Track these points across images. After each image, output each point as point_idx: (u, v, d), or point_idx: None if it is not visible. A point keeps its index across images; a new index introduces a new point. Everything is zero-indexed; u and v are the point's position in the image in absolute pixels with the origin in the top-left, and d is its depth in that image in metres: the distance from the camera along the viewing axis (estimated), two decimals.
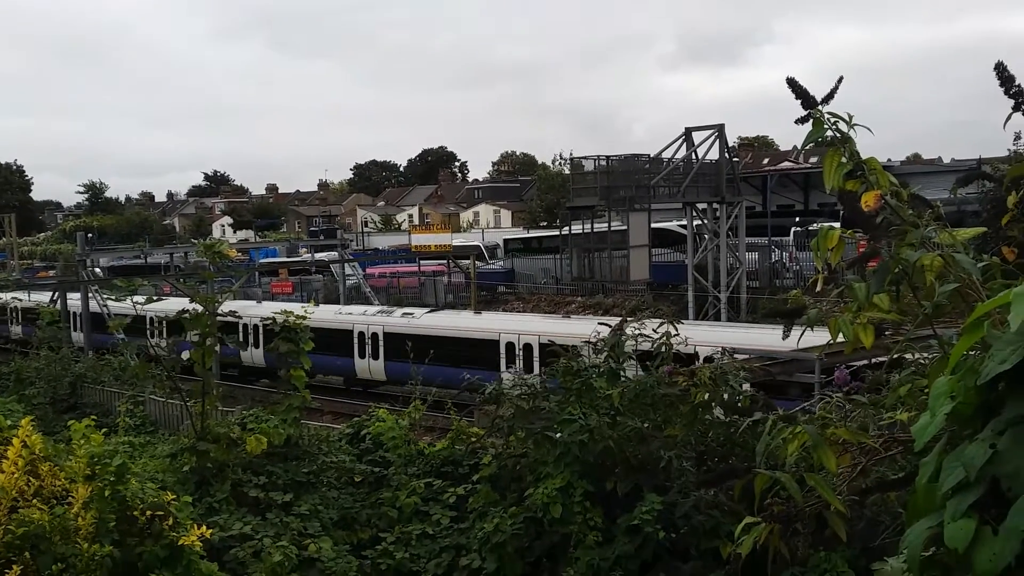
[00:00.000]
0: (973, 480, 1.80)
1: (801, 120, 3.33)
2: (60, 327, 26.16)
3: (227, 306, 12.80)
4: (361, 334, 29.76)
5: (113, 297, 21.36)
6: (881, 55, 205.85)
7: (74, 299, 34.20)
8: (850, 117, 3.33)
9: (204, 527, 7.36)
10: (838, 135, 3.32)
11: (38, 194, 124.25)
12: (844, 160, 3.28)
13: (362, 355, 29.72)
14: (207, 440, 10.32)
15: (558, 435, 9.31)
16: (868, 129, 3.38)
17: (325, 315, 29.83)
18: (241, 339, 26.92)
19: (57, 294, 34.85)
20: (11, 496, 6.79)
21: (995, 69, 3.21)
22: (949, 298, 3.04)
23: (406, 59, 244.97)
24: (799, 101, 3.33)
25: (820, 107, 3.30)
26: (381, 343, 29.03)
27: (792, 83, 3.30)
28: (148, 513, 7.09)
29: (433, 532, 10.28)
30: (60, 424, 13.99)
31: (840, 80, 3.36)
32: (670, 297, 36.16)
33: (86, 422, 8.12)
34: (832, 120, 3.30)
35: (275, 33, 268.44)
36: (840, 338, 3.41)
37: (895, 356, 3.88)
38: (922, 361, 3.73)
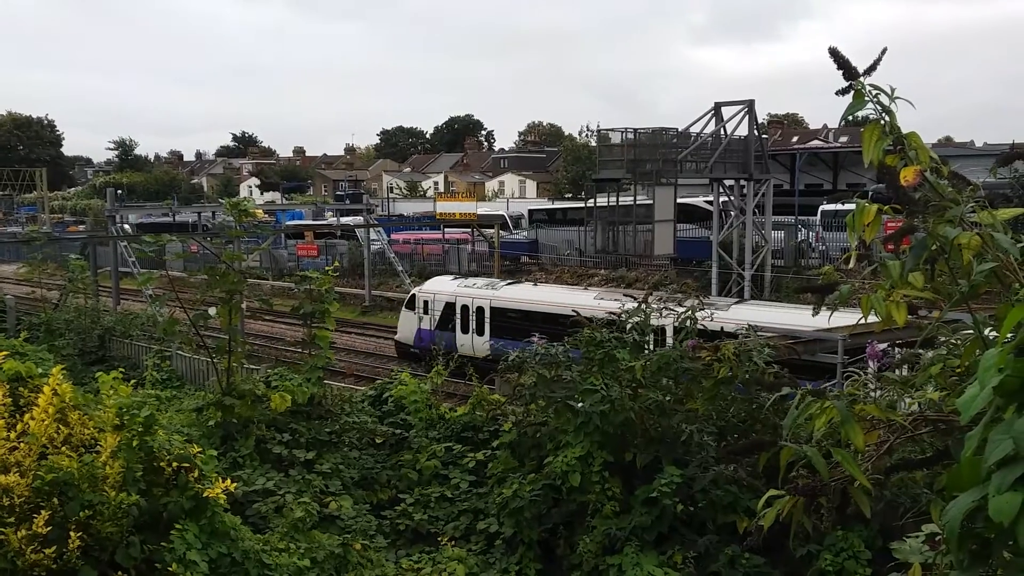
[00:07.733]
0: (1022, 453, 1.76)
1: (841, 92, 3.26)
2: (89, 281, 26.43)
3: None
4: None
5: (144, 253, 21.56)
6: (918, 32, 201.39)
7: None
8: (892, 90, 3.27)
9: (228, 480, 7.47)
10: (878, 109, 3.26)
11: (68, 149, 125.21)
12: (885, 134, 3.22)
13: None
14: (232, 396, 10.45)
15: (579, 405, 9.34)
16: (910, 103, 3.31)
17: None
18: None
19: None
20: (41, 442, 6.91)
21: None
22: (985, 278, 2.99)
23: (433, 25, 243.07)
24: (840, 72, 3.26)
25: (861, 79, 3.24)
26: None
27: (834, 53, 3.23)
28: (174, 464, 7.19)
29: (452, 495, 10.39)
30: (88, 376, 14.21)
31: (884, 51, 3.28)
32: (694, 273, 35.97)
33: (114, 374, 8.20)
34: (873, 93, 3.24)
35: None
36: (872, 316, 3.37)
37: (927, 336, 3.84)
38: (954, 342, 3.69)
